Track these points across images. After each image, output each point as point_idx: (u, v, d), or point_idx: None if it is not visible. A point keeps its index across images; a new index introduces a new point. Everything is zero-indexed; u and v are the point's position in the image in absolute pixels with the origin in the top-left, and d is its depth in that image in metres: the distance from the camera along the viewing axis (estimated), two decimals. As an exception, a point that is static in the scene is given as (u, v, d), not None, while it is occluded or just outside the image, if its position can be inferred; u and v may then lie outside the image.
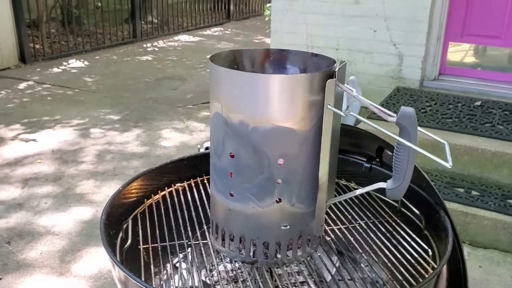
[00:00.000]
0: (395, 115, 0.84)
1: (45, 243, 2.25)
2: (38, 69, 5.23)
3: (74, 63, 5.56)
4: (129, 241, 1.04)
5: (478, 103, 2.98)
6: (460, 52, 3.37)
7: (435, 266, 0.95)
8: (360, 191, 0.94)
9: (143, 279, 0.95)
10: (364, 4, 3.30)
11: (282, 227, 0.92)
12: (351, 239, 1.09)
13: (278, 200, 0.90)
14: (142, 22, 7.02)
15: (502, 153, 2.43)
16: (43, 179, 2.85)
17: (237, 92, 0.85)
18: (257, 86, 0.84)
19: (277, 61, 1.02)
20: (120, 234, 1.06)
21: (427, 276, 0.92)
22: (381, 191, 0.92)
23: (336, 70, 0.86)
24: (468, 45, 3.31)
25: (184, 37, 7.36)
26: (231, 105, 0.87)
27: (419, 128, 0.85)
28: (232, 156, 0.89)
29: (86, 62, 5.62)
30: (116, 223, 1.07)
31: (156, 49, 6.54)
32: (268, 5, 4.36)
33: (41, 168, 2.99)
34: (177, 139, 3.48)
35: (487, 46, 3.26)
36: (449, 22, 3.25)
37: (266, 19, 4.43)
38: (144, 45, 6.68)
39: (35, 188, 2.74)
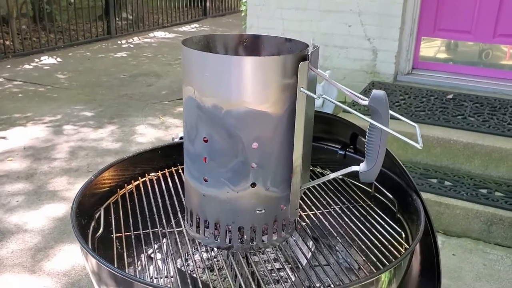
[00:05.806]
0: (367, 98, 0.85)
1: (16, 241, 2.19)
2: (9, 66, 5.09)
3: (46, 60, 5.43)
4: (101, 229, 1.02)
5: (450, 96, 3.05)
6: (432, 47, 3.44)
7: (408, 247, 0.97)
8: (333, 175, 0.94)
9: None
10: (339, -1, 3.33)
11: (257, 212, 0.91)
12: (326, 224, 1.10)
13: (252, 184, 0.89)
14: (117, 19, 6.91)
15: (474, 144, 2.49)
16: (14, 176, 2.78)
17: (210, 75, 0.84)
18: (230, 69, 0.83)
19: (250, 46, 1.01)
20: (92, 224, 1.04)
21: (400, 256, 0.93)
22: (356, 176, 0.93)
23: (309, 53, 0.86)
24: (440, 40, 3.39)
25: (159, 34, 7.28)
26: (204, 88, 0.86)
27: (390, 112, 0.86)
28: (206, 141, 0.88)
29: (58, 59, 5.50)
30: (88, 212, 1.05)
31: (131, 45, 6.45)
32: (244, 0, 4.35)
33: (12, 165, 2.91)
34: (153, 134, 3.44)
35: (458, 41, 3.34)
36: (421, 17, 3.31)
37: (243, 14, 4.42)
38: (119, 42, 6.58)
39: (6, 186, 2.67)
